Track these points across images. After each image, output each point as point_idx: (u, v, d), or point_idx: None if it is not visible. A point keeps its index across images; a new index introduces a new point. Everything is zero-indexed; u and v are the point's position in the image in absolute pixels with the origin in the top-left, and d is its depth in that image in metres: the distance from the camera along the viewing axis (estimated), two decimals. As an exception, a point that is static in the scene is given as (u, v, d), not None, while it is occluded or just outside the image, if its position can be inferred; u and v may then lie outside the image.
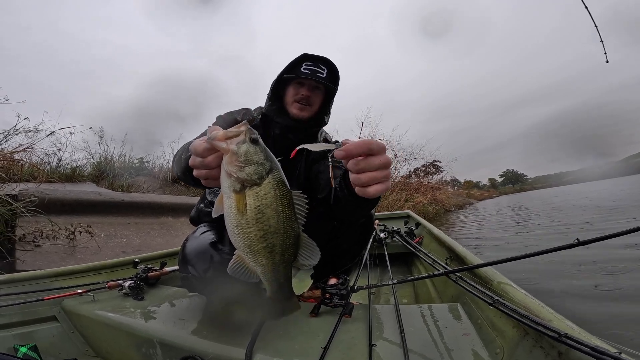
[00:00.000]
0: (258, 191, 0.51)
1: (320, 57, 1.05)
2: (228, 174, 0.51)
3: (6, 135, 3.78)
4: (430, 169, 14.16)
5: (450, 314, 0.82)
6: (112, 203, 3.52)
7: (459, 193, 21.81)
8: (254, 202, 0.51)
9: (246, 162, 0.50)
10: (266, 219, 0.52)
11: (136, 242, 3.23)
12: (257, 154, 0.51)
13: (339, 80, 1.11)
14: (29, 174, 3.83)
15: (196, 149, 0.56)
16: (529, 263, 2.58)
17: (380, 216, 2.96)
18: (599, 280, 2.07)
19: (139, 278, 1.24)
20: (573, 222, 5.04)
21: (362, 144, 0.53)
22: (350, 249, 1.16)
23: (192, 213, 1.17)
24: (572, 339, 0.47)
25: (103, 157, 5.86)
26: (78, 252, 2.73)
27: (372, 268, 1.41)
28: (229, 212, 0.52)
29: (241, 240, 0.53)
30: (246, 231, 0.52)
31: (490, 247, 3.92)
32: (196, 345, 0.75)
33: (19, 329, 1.03)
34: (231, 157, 0.51)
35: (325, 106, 1.14)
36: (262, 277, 0.57)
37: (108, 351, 1.00)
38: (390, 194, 8.11)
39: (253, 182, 0.51)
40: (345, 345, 0.69)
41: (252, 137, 0.52)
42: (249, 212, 0.51)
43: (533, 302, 0.64)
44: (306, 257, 0.57)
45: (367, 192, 0.55)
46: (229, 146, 0.51)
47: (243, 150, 0.51)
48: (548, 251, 0.60)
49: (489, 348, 0.64)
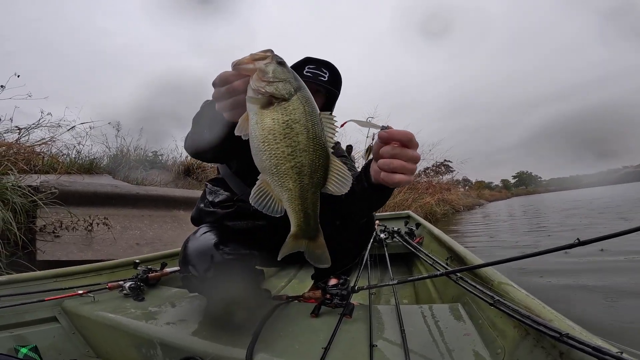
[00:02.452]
0: (287, 106, 0.49)
1: (323, 60, 1.05)
2: (256, 90, 0.49)
3: (29, 129, 3.98)
4: (441, 168, 14.09)
5: (451, 314, 0.82)
6: (127, 196, 3.57)
7: (469, 193, 21.73)
8: (282, 117, 0.49)
9: (275, 79, 0.49)
10: (295, 134, 0.49)
11: (149, 235, 3.28)
12: (285, 73, 0.51)
13: (341, 84, 1.11)
14: (49, 165, 3.92)
15: (222, 77, 0.54)
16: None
17: (380, 216, 2.96)
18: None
19: (139, 279, 1.24)
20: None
21: (405, 132, 0.56)
22: (351, 250, 1.16)
23: (193, 213, 1.17)
24: (573, 339, 0.47)
25: (119, 150, 5.98)
26: (95, 244, 2.80)
27: (373, 268, 1.41)
28: (255, 127, 0.49)
29: (267, 159, 0.50)
30: (273, 147, 0.49)
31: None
32: (197, 345, 0.75)
33: (20, 330, 1.03)
34: (259, 74, 0.49)
35: (326, 109, 1.14)
36: (287, 206, 0.52)
37: (108, 352, 1.00)
38: (398, 193, 8.04)
39: (282, 96, 0.49)
40: (346, 346, 0.69)
41: (279, 60, 0.51)
42: (277, 127, 0.49)
43: (534, 302, 0.64)
44: (336, 183, 0.53)
45: (393, 178, 0.57)
46: (257, 65, 0.50)
47: (271, 68, 0.50)
48: (549, 251, 0.60)
49: (490, 348, 0.64)
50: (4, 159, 2.94)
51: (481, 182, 41.43)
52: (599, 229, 4.53)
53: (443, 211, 10.08)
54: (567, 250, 0.53)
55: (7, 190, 2.44)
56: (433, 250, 1.66)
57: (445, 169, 14.55)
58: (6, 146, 3.49)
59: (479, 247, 4.24)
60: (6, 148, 3.41)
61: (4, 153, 3.21)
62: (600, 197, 13.33)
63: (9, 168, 2.78)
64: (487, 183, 61.48)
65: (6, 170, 2.73)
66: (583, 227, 5.08)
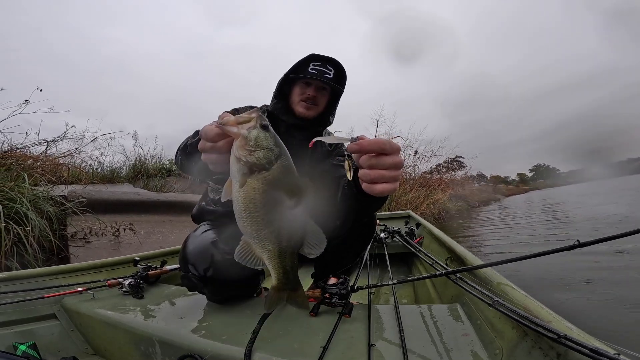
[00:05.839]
0: (267, 176, 0.52)
1: (328, 57, 1.05)
2: (237, 159, 0.52)
3: (55, 141, 4.32)
4: (453, 164, 13.90)
5: (449, 315, 0.82)
6: (149, 202, 3.81)
7: (484, 188, 21.46)
8: (262, 187, 0.52)
9: (256, 147, 0.51)
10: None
11: (171, 238, 3.47)
12: (267, 140, 0.52)
13: (345, 81, 1.11)
14: (73, 176, 4.21)
15: (207, 133, 0.56)
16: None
17: (380, 216, 2.96)
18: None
19: (139, 276, 1.25)
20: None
21: (375, 141, 0.54)
22: (352, 249, 1.16)
23: (193, 211, 1.17)
24: (571, 340, 0.47)
25: (137, 159, 6.25)
26: (122, 248, 2.98)
27: (372, 268, 1.41)
28: (237, 195, 0.53)
29: (249, 225, 0.54)
30: (254, 215, 0.53)
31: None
32: (195, 343, 0.75)
33: (19, 327, 1.04)
34: (241, 142, 0.52)
35: (330, 106, 1.14)
36: (268, 264, 0.57)
37: (107, 349, 1.00)
38: (410, 190, 8.01)
39: (262, 166, 0.52)
40: (345, 345, 0.69)
41: (263, 123, 0.53)
42: (257, 196, 0.52)
43: (532, 303, 0.64)
44: (312, 245, 0.57)
45: (374, 189, 0.56)
46: (240, 131, 0.52)
47: (253, 135, 0.52)
48: (548, 252, 0.60)
49: (488, 349, 0.64)
50: (33, 171, 3.15)
51: (497, 176, 40.68)
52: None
53: (457, 207, 9.97)
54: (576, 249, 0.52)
55: (40, 199, 2.63)
56: (433, 250, 1.66)
57: (457, 165, 14.35)
58: (33, 159, 3.72)
59: (478, 246, 4.24)
60: (33, 160, 3.64)
61: (32, 165, 3.44)
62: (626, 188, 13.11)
63: (38, 179, 2.97)
64: (504, 178, 60.48)
65: (36, 182, 2.92)
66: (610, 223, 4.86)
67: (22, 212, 2.34)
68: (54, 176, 3.52)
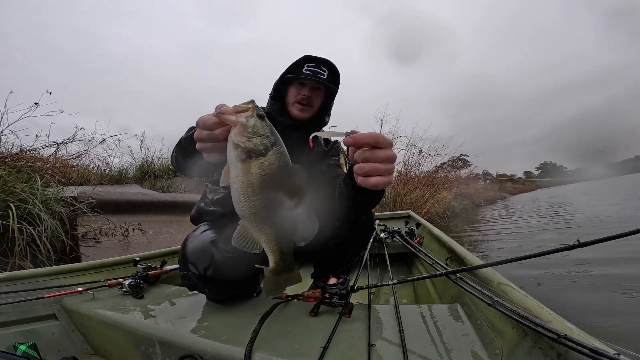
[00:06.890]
0: (263, 161, 0.54)
1: (322, 58, 1.07)
2: (236, 145, 0.54)
3: (65, 143, 4.39)
4: (458, 163, 13.85)
5: (449, 315, 0.82)
6: (157, 203, 3.88)
7: (490, 187, 21.38)
8: (259, 172, 0.54)
9: (254, 134, 0.54)
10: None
11: (179, 238, 3.49)
12: (264, 128, 0.55)
13: (339, 81, 1.13)
14: (82, 177, 4.26)
15: (205, 122, 0.58)
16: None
17: (380, 216, 2.96)
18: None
19: (139, 276, 1.25)
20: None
21: (369, 135, 0.57)
22: (351, 249, 1.16)
23: (192, 212, 1.17)
24: (571, 340, 0.47)
25: (144, 160, 6.29)
26: (132, 248, 3.03)
27: (372, 268, 1.41)
28: (235, 180, 0.55)
29: (247, 209, 0.56)
30: (252, 199, 0.55)
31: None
32: (195, 344, 0.75)
33: (19, 327, 1.03)
34: (240, 129, 0.54)
35: (325, 106, 1.16)
36: (265, 247, 0.60)
37: (107, 349, 1.00)
38: (415, 189, 8.01)
39: (259, 152, 0.54)
40: (345, 345, 0.69)
41: (259, 113, 0.56)
42: (255, 181, 0.54)
43: (532, 303, 0.64)
44: (303, 230, 0.61)
45: (368, 182, 0.58)
46: (239, 119, 0.54)
47: (252, 122, 0.54)
48: (548, 252, 0.60)
49: (488, 349, 0.64)
50: (44, 172, 3.19)
51: (503, 174, 40.53)
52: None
53: (462, 205, 9.94)
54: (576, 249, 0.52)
55: (51, 200, 2.67)
56: (433, 250, 1.66)
57: (462, 163, 14.30)
58: (43, 160, 3.77)
59: (483, 244, 4.24)
60: (43, 162, 3.69)
61: (42, 166, 3.48)
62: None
63: (49, 181, 3.00)
64: (510, 176, 59.92)
65: (47, 183, 2.95)
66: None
67: (35, 213, 2.37)
68: (64, 177, 3.57)
